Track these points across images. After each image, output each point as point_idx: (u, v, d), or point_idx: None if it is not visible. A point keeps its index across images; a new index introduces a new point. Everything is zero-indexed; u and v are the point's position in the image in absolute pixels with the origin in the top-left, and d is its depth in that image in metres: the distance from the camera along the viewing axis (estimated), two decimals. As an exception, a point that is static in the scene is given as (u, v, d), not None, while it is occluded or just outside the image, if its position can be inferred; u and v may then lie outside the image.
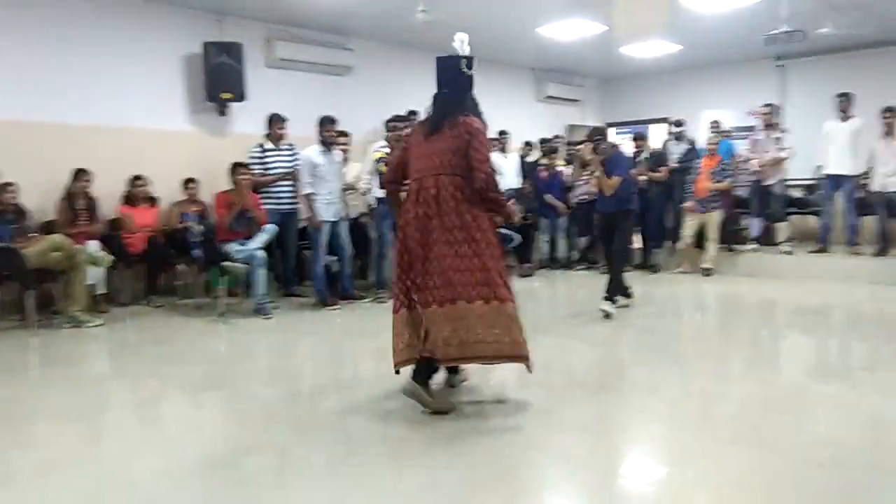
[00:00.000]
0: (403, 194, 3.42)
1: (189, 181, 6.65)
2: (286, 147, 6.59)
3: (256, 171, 6.38)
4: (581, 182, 8.16)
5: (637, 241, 8.19)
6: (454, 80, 3.57)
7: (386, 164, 5.13)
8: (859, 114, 7.51)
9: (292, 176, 6.41)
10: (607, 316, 5.49)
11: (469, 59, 3.59)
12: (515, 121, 9.52)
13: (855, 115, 7.52)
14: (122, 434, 3.23)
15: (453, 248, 3.13)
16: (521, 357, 3.24)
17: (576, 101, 11.21)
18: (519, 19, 7.62)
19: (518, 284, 7.65)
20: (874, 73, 8.66)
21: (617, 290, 5.70)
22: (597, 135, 5.97)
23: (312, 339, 5.15)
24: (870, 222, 7.68)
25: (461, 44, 3.73)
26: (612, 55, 9.55)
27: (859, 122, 7.47)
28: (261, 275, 5.76)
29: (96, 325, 5.39)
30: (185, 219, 6.22)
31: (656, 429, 3.18)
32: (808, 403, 3.56)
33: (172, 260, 6.35)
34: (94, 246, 5.68)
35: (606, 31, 8.13)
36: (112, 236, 6.08)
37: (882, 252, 7.45)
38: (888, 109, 7.28)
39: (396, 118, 6.42)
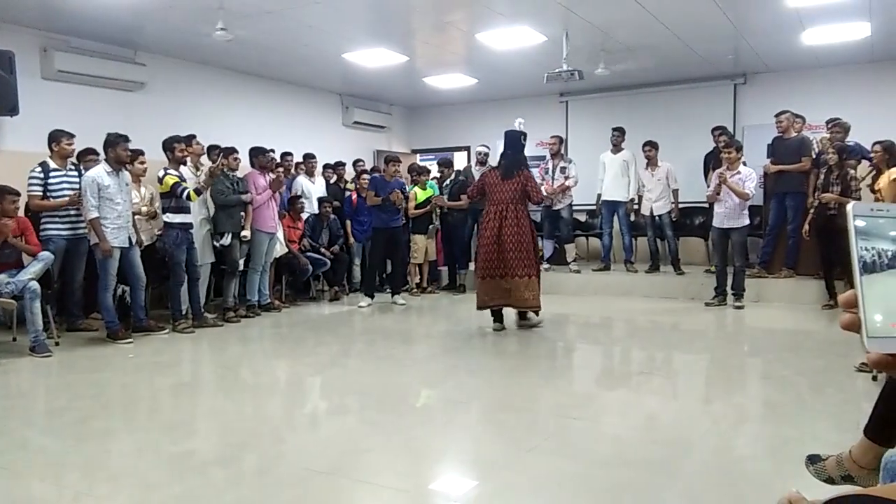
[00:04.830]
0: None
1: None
2: (73, 167, 5.99)
3: (36, 194, 5.75)
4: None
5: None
6: (515, 145, 6.00)
7: (196, 192, 6.10)
8: (629, 146, 8.53)
9: (75, 200, 5.80)
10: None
11: (525, 134, 6.10)
12: (322, 144, 9.49)
13: (625, 148, 8.53)
14: None
15: (514, 245, 5.69)
16: (538, 307, 5.88)
17: (383, 127, 11.43)
18: (324, 44, 7.63)
19: (325, 309, 7.66)
20: (641, 109, 9.81)
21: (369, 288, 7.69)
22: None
23: (98, 376, 4.68)
24: (643, 242, 8.67)
25: (520, 125, 6.28)
26: (417, 84, 9.88)
27: (629, 153, 8.50)
28: (35, 308, 5.14)
29: None
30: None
31: (463, 443, 3.30)
32: (596, 408, 3.91)
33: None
34: None
35: (409, 61, 8.40)
36: None
37: (653, 269, 8.44)
38: (648, 143, 8.31)
39: (174, 139, 6.19)
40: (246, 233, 6.77)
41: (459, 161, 11.34)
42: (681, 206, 8.44)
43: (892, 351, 0.69)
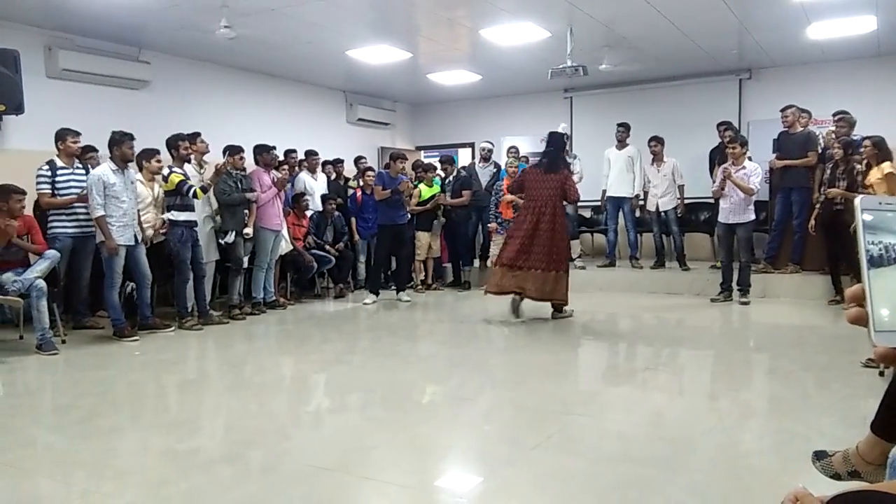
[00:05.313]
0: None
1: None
2: (80, 165, 6.01)
3: (45, 192, 5.78)
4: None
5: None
6: (557, 144, 6.29)
7: (203, 189, 6.19)
8: (634, 142, 8.50)
9: (83, 197, 5.82)
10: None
11: (566, 136, 6.74)
12: (326, 142, 9.49)
13: (630, 144, 8.50)
14: None
15: (546, 240, 5.95)
16: (564, 301, 6.21)
17: (387, 124, 11.43)
18: (328, 41, 7.63)
19: (330, 306, 7.68)
20: (646, 105, 9.79)
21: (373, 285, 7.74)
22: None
23: (105, 374, 4.70)
24: (648, 238, 8.65)
25: (564, 129, 7.07)
26: (420, 81, 9.88)
27: (634, 149, 8.47)
28: (42, 306, 5.16)
29: None
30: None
31: (468, 440, 3.30)
32: (601, 404, 3.90)
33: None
34: None
35: (412, 58, 8.40)
36: None
37: (658, 265, 8.42)
38: (653, 139, 8.29)
39: (178, 137, 6.21)
40: (248, 230, 6.78)
41: (464, 157, 11.34)
42: (686, 201, 8.42)
43: None
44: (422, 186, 8.41)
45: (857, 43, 7.85)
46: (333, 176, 8.89)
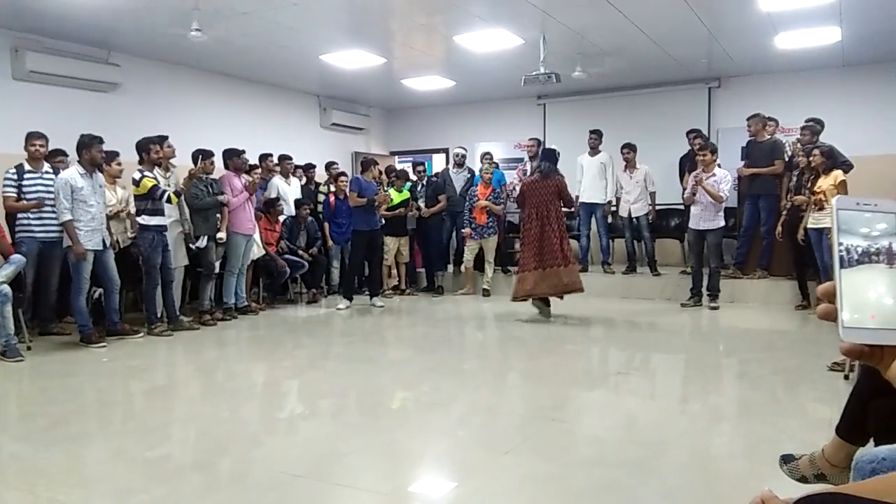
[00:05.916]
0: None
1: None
2: (49, 169, 5.89)
3: (10, 195, 5.66)
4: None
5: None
6: (550, 157, 6.78)
7: (177, 194, 6.24)
8: (606, 149, 8.61)
9: (40, 203, 5.70)
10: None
11: (558, 152, 6.91)
12: (300, 146, 9.44)
13: (602, 150, 8.60)
14: None
15: (555, 239, 6.41)
16: (581, 289, 6.58)
17: (361, 129, 11.40)
18: (302, 45, 7.59)
19: (303, 311, 7.62)
20: (618, 112, 9.90)
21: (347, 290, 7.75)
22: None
23: (72, 381, 4.60)
24: (620, 244, 8.74)
25: (556, 147, 7.17)
26: (395, 86, 9.87)
27: (606, 156, 8.58)
28: (6, 312, 5.04)
29: None
30: None
31: (441, 446, 3.30)
32: (574, 409, 3.93)
33: None
34: None
35: (387, 63, 8.39)
36: None
37: (630, 270, 8.51)
38: (626, 146, 8.39)
39: (149, 140, 6.12)
40: (222, 235, 6.71)
41: (438, 163, 11.36)
42: (657, 208, 8.54)
43: (864, 341, 0.72)
44: (392, 191, 8.39)
45: (823, 53, 8.03)
46: (304, 181, 8.83)
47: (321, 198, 8.68)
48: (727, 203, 7.08)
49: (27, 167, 5.78)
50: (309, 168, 9.00)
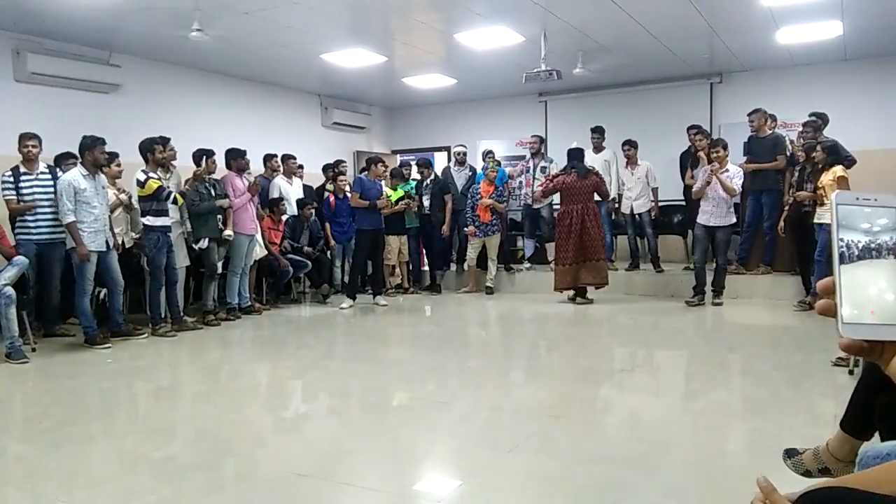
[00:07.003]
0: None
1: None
2: (45, 171, 5.89)
3: (10, 198, 5.67)
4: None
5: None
6: (578, 156, 7.38)
7: (182, 195, 6.31)
8: (608, 145, 8.59)
9: (30, 206, 5.71)
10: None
11: (582, 149, 7.53)
12: (301, 145, 9.44)
13: (605, 147, 8.58)
14: None
15: (596, 235, 7.10)
16: (605, 283, 7.31)
17: (362, 128, 11.40)
18: (302, 45, 7.59)
19: (306, 311, 7.63)
20: (620, 109, 9.88)
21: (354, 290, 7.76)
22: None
23: (76, 382, 4.62)
24: (622, 241, 8.73)
25: (576, 144, 7.58)
26: (396, 85, 9.87)
27: (610, 152, 8.56)
28: (10, 314, 5.05)
29: None
30: None
31: (445, 444, 3.31)
32: (578, 406, 3.92)
33: None
34: None
35: (388, 62, 8.39)
36: None
37: (633, 267, 8.50)
38: (627, 142, 8.37)
39: (153, 141, 6.12)
40: (229, 232, 6.72)
41: (440, 161, 11.34)
42: (659, 204, 8.51)
43: (864, 337, 0.72)
44: (387, 190, 8.33)
45: (825, 48, 8.01)
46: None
47: (324, 197, 8.67)
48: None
49: (22, 169, 5.79)
50: (326, 168, 8.99)
